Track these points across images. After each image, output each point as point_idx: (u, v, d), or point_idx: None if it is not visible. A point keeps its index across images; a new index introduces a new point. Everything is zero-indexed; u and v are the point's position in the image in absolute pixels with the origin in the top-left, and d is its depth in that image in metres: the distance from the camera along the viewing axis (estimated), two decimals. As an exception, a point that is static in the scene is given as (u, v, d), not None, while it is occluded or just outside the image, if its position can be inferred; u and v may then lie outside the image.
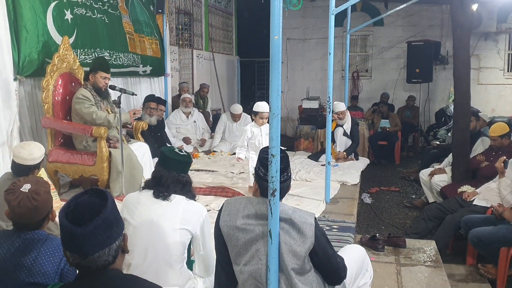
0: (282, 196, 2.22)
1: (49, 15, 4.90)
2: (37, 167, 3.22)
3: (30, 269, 2.02)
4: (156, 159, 5.40)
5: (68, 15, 5.20)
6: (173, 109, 8.01)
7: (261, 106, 5.07)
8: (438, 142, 7.90)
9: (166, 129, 7.10)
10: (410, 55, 9.91)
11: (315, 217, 2.24)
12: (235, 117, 7.71)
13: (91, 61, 5.28)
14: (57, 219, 2.75)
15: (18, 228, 2.15)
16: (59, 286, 1.54)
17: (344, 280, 2.38)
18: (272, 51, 2.12)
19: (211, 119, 8.79)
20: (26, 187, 2.14)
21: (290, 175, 2.33)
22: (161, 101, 6.81)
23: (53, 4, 4.93)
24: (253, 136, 5.15)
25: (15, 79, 4.60)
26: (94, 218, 1.46)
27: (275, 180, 2.12)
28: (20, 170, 3.14)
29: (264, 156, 2.22)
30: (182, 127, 7.58)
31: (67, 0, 5.19)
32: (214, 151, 7.41)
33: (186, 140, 7.42)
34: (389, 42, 11.20)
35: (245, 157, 5.26)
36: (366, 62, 11.62)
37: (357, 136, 6.91)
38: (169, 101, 8.13)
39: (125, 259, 2.19)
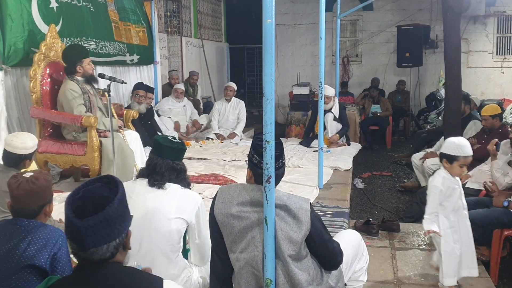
0: (277, 183, 2.20)
1: (34, 4, 4.81)
2: (28, 157, 3.19)
3: (22, 254, 2.04)
4: (147, 148, 5.42)
5: (54, 3, 5.10)
6: (163, 97, 7.94)
7: None
8: (429, 126, 7.92)
9: (156, 117, 7.04)
10: (400, 39, 9.90)
11: (310, 203, 2.23)
12: (226, 91, 7.69)
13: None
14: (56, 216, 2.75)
15: (15, 215, 2.19)
16: (57, 279, 1.51)
17: (341, 265, 2.37)
18: (264, 35, 2.08)
19: (201, 106, 8.74)
20: (28, 174, 2.24)
21: (285, 161, 2.31)
22: (149, 89, 6.75)
23: (38, -8, 4.83)
24: None
25: (0, 69, 4.52)
26: (96, 213, 1.42)
27: (270, 166, 2.09)
28: (11, 159, 3.12)
29: (258, 143, 2.19)
30: (173, 110, 7.52)
31: (53, -12, 5.09)
32: (208, 138, 7.38)
33: (176, 125, 7.38)
34: (379, 27, 11.16)
35: None
36: (356, 47, 11.59)
37: (346, 120, 6.94)
38: (159, 89, 8.06)
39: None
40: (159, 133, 6.67)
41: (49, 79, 4.70)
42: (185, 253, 2.67)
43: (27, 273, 2.04)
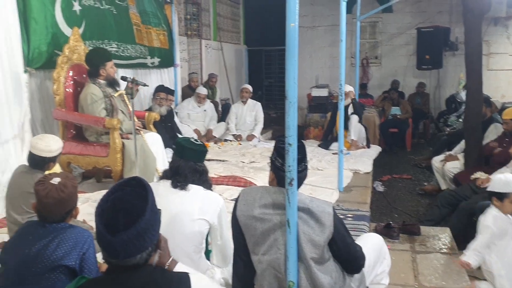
0: (299, 185, 2.21)
1: (58, 7, 4.89)
2: (53, 160, 3.22)
3: (52, 254, 2.07)
4: (168, 150, 5.47)
5: (77, 6, 5.18)
6: (183, 100, 8.01)
7: None
8: (448, 129, 7.84)
9: (176, 119, 7.10)
10: (420, 41, 9.83)
11: (333, 206, 2.24)
12: (242, 92, 7.71)
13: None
14: (79, 217, 2.79)
15: (42, 219, 2.20)
16: (87, 279, 1.54)
17: (363, 269, 2.37)
18: (288, 39, 2.11)
19: (220, 108, 8.78)
20: (55, 180, 2.22)
21: (307, 164, 2.32)
22: (170, 91, 6.83)
23: (61, -5, 4.92)
24: None
25: (25, 71, 4.61)
26: (129, 227, 1.41)
27: (293, 169, 2.11)
28: (36, 161, 3.16)
29: (280, 145, 2.21)
30: (193, 114, 7.57)
31: (75, -9, 5.18)
32: (226, 140, 7.42)
33: (196, 132, 7.43)
34: (399, 29, 11.09)
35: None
36: (376, 49, 11.53)
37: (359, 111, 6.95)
38: (179, 91, 8.13)
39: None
40: (179, 135, 6.73)
41: (72, 82, 4.77)
42: (207, 254, 2.69)
43: (57, 273, 2.07)
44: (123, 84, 5.05)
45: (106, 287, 1.47)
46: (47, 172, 2.82)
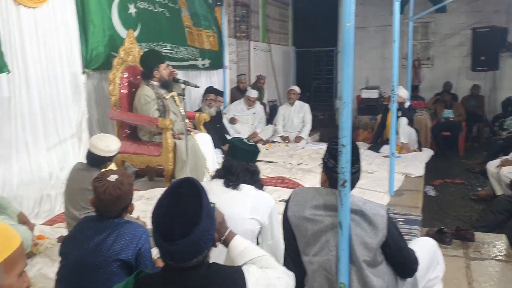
0: (352, 187, 2.19)
1: (114, 10, 5.07)
2: (110, 159, 3.32)
3: (109, 248, 2.13)
4: (217, 150, 5.55)
5: (132, 9, 5.34)
6: (231, 101, 8.09)
7: None
8: (504, 133, 7.55)
9: (224, 120, 7.19)
10: (475, 42, 9.51)
11: (386, 209, 2.20)
12: (289, 94, 7.66)
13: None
14: (133, 214, 2.87)
15: (100, 215, 2.27)
16: (146, 273, 1.59)
17: (416, 273, 2.32)
18: (344, 39, 2.10)
19: (267, 110, 8.81)
20: (113, 177, 2.27)
21: (361, 166, 2.30)
22: (219, 93, 6.93)
23: (117, -1, 5.09)
24: None
25: (83, 73, 4.80)
26: (185, 236, 1.42)
27: (346, 171, 2.09)
28: (94, 161, 3.26)
29: (333, 146, 2.20)
30: (241, 116, 7.63)
31: (131, -6, 5.34)
32: (272, 141, 7.43)
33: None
34: (452, 29, 10.77)
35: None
36: (428, 50, 11.24)
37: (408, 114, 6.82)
38: (227, 93, 8.22)
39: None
40: (227, 136, 6.81)
41: (126, 83, 4.93)
42: (258, 254, 2.71)
43: (114, 267, 2.13)
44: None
45: (163, 284, 1.50)
46: (104, 170, 2.90)
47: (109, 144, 3.27)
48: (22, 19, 4.17)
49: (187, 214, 1.45)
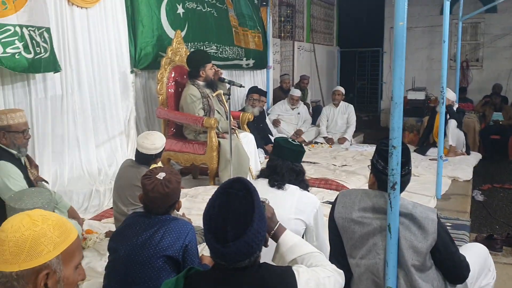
0: (402, 190, 2.15)
1: (163, 10, 5.16)
2: (158, 156, 3.38)
3: (157, 244, 2.17)
4: (259, 150, 5.56)
5: (180, 10, 5.43)
6: (274, 101, 8.09)
7: None
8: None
9: (267, 120, 7.20)
10: (528, 43, 9.15)
11: (437, 213, 2.15)
12: (334, 95, 7.62)
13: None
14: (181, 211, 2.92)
15: (148, 212, 2.31)
16: (196, 270, 1.60)
17: (466, 279, 2.26)
18: (396, 38, 2.06)
19: (310, 110, 8.75)
20: (161, 175, 2.30)
21: (411, 169, 2.25)
22: (263, 93, 6.93)
23: (166, -1, 5.18)
24: None
25: (131, 72, 4.92)
26: (238, 238, 1.42)
27: (396, 173, 2.05)
28: (142, 159, 3.31)
29: (383, 148, 2.16)
30: (286, 116, 7.63)
31: (179, -6, 5.43)
32: (315, 142, 7.38)
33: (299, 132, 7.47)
34: (503, 30, 10.41)
35: None
36: (477, 51, 10.91)
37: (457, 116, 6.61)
38: (270, 93, 8.22)
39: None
40: (270, 136, 6.82)
41: (173, 82, 5.02)
42: (303, 254, 2.69)
43: (162, 263, 2.16)
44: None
45: (214, 283, 1.52)
46: (152, 167, 2.95)
47: (155, 142, 3.32)
48: (75, 19, 4.32)
49: (240, 215, 1.44)
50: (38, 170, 3.43)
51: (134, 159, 3.40)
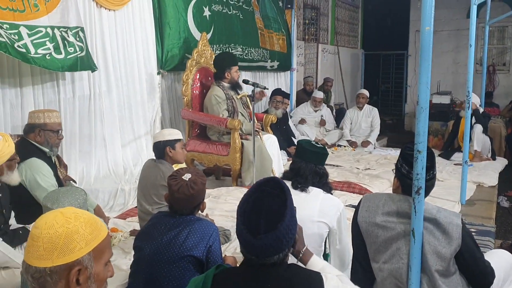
0: (426, 194, 2.14)
1: (190, 13, 5.23)
2: (168, 144, 3.26)
3: (182, 244, 2.20)
4: (282, 152, 5.57)
5: (207, 12, 5.49)
6: (297, 104, 8.09)
7: None
8: None
9: (290, 122, 7.20)
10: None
11: (462, 218, 2.14)
12: (358, 98, 7.60)
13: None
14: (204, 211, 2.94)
15: (173, 212, 2.35)
16: (224, 267, 1.63)
17: (491, 286, 2.24)
18: (422, 43, 2.07)
19: (334, 113, 8.72)
20: (187, 176, 2.34)
21: (435, 173, 2.24)
22: (286, 95, 6.94)
23: (193, 2, 5.26)
24: None
25: (158, 73, 4.99)
26: (269, 231, 1.47)
27: (421, 177, 2.05)
28: (160, 150, 3.28)
29: (408, 152, 2.16)
30: (309, 118, 7.63)
31: (206, -3, 5.49)
32: (338, 145, 7.36)
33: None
34: (532, 34, 10.23)
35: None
36: (504, 55, 10.74)
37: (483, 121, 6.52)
38: (294, 95, 8.23)
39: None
40: (293, 138, 6.83)
41: (198, 84, 5.07)
42: (325, 257, 2.70)
43: (186, 262, 2.20)
44: (245, 87, 5.24)
45: (242, 279, 1.55)
46: (178, 168, 2.96)
47: (170, 130, 3.41)
48: (103, 21, 4.41)
49: (272, 211, 1.51)
50: (67, 169, 3.51)
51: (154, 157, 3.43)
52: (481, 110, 6.69)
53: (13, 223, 2.88)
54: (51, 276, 1.21)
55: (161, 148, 3.31)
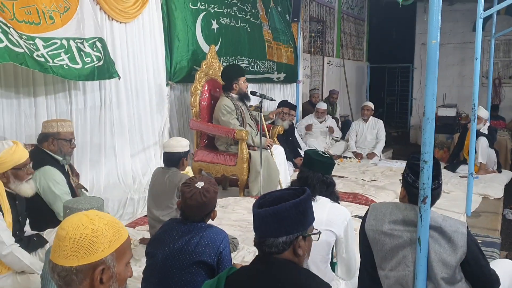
0: (432, 203, 2.19)
1: (198, 26, 5.33)
2: (185, 155, 3.44)
3: (193, 250, 2.25)
4: (288, 163, 5.62)
5: (215, 25, 5.59)
6: (303, 115, 8.16)
7: None
8: None
9: (296, 134, 7.26)
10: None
11: (467, 226, 2.18)
12: (363, 110, 7.65)
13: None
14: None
15: (185, 218, 2.40)
16: (236, 269, 1.69)
17: (496, 294, 2.27)
18: (428, 56, 2.12)
19: (339, 125, 8.78)
20: (200, 184, 2.40)
21: (441, 183, 2.29)
22: (292, 107, 6.99)
23: (202, 15, 5.36)
24: None
25: (167, 85, 5.08)
26: (271, 205, 1.63)
27: (427, 187, 2.10)
28: (170, 160, 3.40)
29: (414, 162, 2.21)
30: (314, 129, 7.68)
31: (214, 10, 5.59)
32: (344, 157, 7.40)
33: None
34: (537, 47, 10.28)
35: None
36: (510, 68, 10.78)
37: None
38: (300, 107, 8.30)
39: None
40: (299, 149, 6.88)
41: (207, 95, 5.15)
42: (332, 266, 2.74)
43: (197, 268, 2.25)
44: (252, 99, 5.31)
45: (253, 277, 1.61)
46: (192, 177, 3.00)
47: (180, 140, 3.46)
48: (114, 34, 4.49)
49: (282, 197, 1.68)
50: (79, 178, 3.58)
51: (163, 164, 3.51)
52: (487, 124, 6.73)
53: (27, 229, 2.93)
54: (77, 275, 1.27)
55: (178, 158, 3.42)
